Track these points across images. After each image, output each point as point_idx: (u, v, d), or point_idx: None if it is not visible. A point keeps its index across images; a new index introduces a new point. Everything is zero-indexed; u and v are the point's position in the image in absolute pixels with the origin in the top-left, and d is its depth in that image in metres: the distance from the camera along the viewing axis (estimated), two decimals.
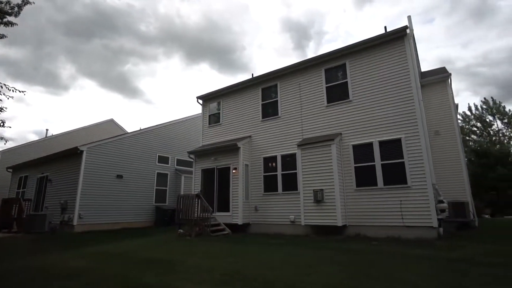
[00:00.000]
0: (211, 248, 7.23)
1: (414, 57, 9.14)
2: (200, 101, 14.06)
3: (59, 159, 14.74)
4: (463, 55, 62.26)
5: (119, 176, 14.28)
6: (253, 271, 4.77)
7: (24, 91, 9.52)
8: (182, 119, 18.16)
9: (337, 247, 6.82)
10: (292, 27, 69.67)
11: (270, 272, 4.63)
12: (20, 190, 17.17)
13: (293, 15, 66.33)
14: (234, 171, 11.04)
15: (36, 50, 52.16)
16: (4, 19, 8.85)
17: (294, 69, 11.23)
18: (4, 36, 9.12)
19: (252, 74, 12.96)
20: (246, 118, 12.28)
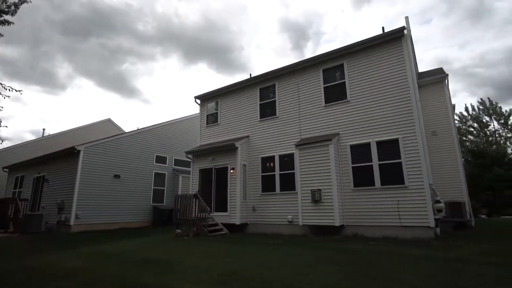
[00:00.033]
0: (209, 248, 7.22)
1: (412, 57, 9.19)
2: (198, 101, 14.04)
3: (56, 159, 14.67)
4: (460, 56, 62.59)
5: (117, 176, 14.23)
6: (250, 271, 4.77)
7: (20, 90, 9.47)
8: (180, 119, 18.11)
9: (334, 247, 6.84)
10: (290, 27, 69.78)
11: (268, 272, 4.63)
12: (16, 190, 17.07)
13: (291, 15, 66.41)
14: (232, 171, 11.03)
15: (32, 49, 51.82)
16: (1, 18, 8.79)
17: (292, 69, 11.25)
18: (1, 35, 9.06)
19: (250, 74, 12.99)
20: (244, 118, 12.28)
